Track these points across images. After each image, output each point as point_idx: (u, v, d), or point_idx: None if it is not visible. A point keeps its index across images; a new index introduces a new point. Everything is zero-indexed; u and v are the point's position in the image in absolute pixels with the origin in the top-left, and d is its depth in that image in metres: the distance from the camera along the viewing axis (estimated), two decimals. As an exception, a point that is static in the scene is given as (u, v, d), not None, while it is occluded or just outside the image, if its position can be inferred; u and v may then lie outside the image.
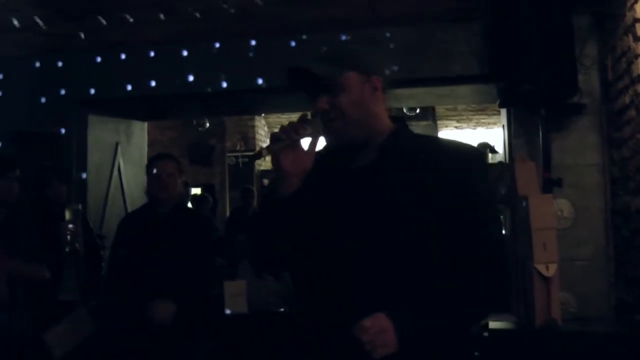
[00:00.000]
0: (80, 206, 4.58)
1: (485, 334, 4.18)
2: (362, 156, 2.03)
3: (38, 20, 5.11)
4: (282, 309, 5.28)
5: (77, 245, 4.44)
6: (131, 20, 5.07)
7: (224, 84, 5.59)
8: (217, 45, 5.62)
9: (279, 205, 1.99)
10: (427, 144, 2.07)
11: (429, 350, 1.87)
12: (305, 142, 2.01)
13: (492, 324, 4.27)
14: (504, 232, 2.09)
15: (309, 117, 2.00)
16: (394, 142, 2.02)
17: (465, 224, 1.92)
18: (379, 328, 1.77)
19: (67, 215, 4.39)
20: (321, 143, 2.05)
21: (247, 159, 11.31)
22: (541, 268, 4.15)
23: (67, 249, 4.40)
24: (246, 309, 5.07)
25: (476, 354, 3.78)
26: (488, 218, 1.99)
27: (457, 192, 1.91)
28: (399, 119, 2.12)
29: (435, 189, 1.91)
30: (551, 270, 4.16)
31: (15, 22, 5.12)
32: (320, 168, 2.03)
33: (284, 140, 1.94)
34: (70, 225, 4.39)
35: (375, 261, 1.91)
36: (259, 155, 1.99)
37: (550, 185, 4.67)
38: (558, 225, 4.61)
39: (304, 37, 5.37)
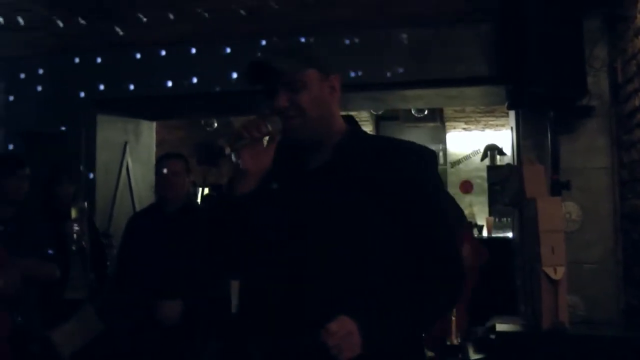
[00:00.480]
0: (86, 205, 4.58)
1: (493, 336, 4.18)
2: (317, 157, 2.01)
3: (47, 19, 5.12)
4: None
5: (83, 243, 4.44)
6: (141, 20, 5.07)
7: (233, 84, 5.59)
8: (227, 45, 5.62)
9: (235, 206, 1.96)
10: (380, 145, 2.09)
11: (390, 351, 1.88)
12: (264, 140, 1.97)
13: (500, 327, 4.27)
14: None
15: (268, 114, 1.96)
16: (348, 143, 2.02)
17: (417, 224, 1.94)
18: (345, 331, 1.76)
19: (74, 214, 4.40)
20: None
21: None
22: (549, 271, 4.13)
23: (73, 248, 4.40)
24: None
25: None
26: (439, 217, 2.00)
27: (408, 191, 1.92)
28: (351, 119, 2.12)
29: (387, 190, 1.92)
30: (559, 273, 4.14)
31: (24, 22, 5.13)
32: (275, 168, 1.99)
33: (246, 138, 1.89)
34: (76, 224, 4.39)
35: (330, 263, 1.90)
36: (222, 153, 1.90)
37: (558, 187, 4.65)
38: (566, 228, 4.60)
39: (314, 38, 5.36)
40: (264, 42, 5.53)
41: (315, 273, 1.91)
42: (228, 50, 5.61)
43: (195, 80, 5.66)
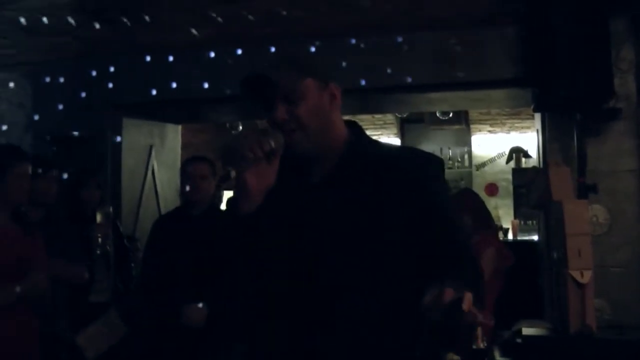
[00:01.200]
0: (111, 209, 4.61)
1: (519, 340, 4.15)
2: (320, 168, 1.96)
3: (73, 24, 5.17)
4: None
5: (107, 247, 4.48)
6: (165, 22, 5.11)
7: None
8: (251, 49, 5.63)
9: (242, 225, 1.91)
10: (385, 154, 2.01)
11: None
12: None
13: (526, 330, 4.25)
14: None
15: (268, 129, 1.91)
16: (351, 153, 1.96)
17: (429, 232, 1.87)
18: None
19: (99, 218, 4.43)
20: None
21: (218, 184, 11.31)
22: (576, 274, 4.11)
23: (97, 252, 4.44)
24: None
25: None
26: (448, 221, 1.93)
27: (415, 200, 1.86)
28: (354, 124, 2.06)
29: (393, 199, 1.86)
30: (586, 277, 4.12)
31: (51, 26, 5.18)
32: (280, 182, 1.92)
33: (250, 158, 1.83)
34: (102, 229, 4.42)
35: (340, 277, 1.85)
36: (227, 176, 1.90)
37: (585, 190, 4.63)
38: (593, 231, 4.57)
39: (340, 41, 5.37)
40: (292, 44, 5.53)
41: (325, 287, 1.86)
42: (251, 52, 5.62)
43: (220, 83, 5.67)
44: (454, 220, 1.98)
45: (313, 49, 5.43)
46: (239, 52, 5.67)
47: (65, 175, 4.84)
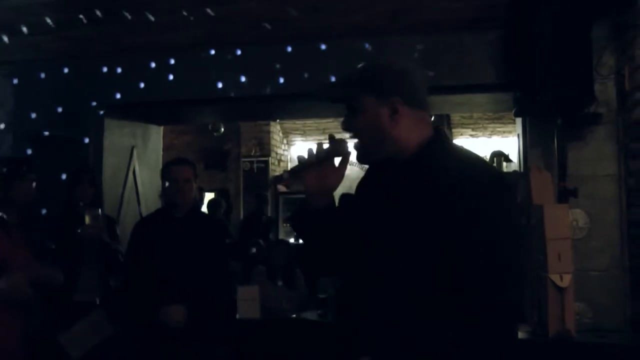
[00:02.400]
0: (100, 211, 4.57)
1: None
2: (386, 176, 2.07)
3: (56, 25, 5.14)
4: (294, 315, 5.28)
5: (95, 248, 4.45)
6: (149, 24, 5.10)
7: (241, 89, 5.60)
8: (236, 50, 5.63)
9: (312, 219, 2.13)
10: (446, 166, 1.95)
11: None
12: (336, 160, 2.13)
13: (506, 334, 4.25)
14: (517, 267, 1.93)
15: (337, 137, 2.11)
16: (412, 164, 1.99)
17: (459, 264, 1.81)
18: None
19: (87, 219, 4.40)
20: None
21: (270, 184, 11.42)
22: (555, 278, 4.13)
23: (85, 251, 4.41)
24: (259, 314, 5.07)
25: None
26: (476, 264, 1.82)
27: (460, 217, 1.82)
28: (435, 134, 2.06)
29: (429, 218, 1.85)
30: (566, 281, 4.14)
31: (34, 27, 5.16)
32: (364, 182, 2.19)
33: (311, 159, 2.08)
34: (90, 229, 4.39)
35: (381, 281, 1.97)
36: (280, 178, 2.13)
37: (565, 195, 4.65)
38: (573, 236, 4.60)
39: (325, 44, 5.38)
40: (273, 48, 5.54)
41: (372, 289, 2.00)
42: (237, 54, 5.62)
43: (203, 85, 5.67)
44: (482, 264, 1.82)
45: (289, 49, 5.44)
46: (223, 54, 5.66)
47: (45, 176, 4.78)
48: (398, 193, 1.98)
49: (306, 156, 2.08)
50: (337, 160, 2.11)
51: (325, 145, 2.09)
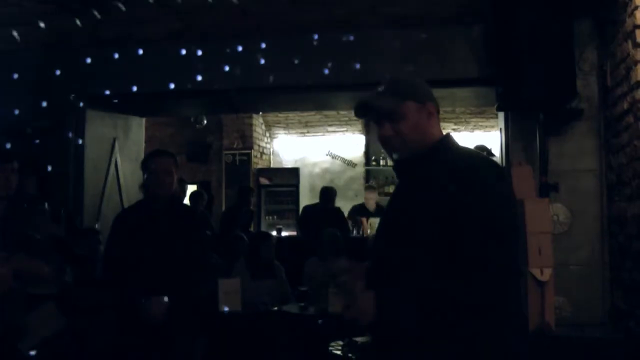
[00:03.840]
0: (46, 205, 4.49)
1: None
2: (404, 172, 2.38)
3: (37, 15, 5.09)
4: (275, 308, 5.28)
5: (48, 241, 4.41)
6: (129, 15, 5.06)
7: (223, 82, 5.58)
8: (218, 43, 5.61)
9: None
10: (446, 158, 2.24)
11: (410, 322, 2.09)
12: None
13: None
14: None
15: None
16: (424, 159, 2.28)
17: (455, 236, 2.06)
18: (360, 303, 2.13)
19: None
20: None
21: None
22: (536, 272, 4.15)
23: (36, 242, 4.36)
24: (240, 306, 5.07)
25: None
26: (475, 232, 2.05)
27: (453, 205, 2.07)
28: (444, 137, 2.34)
29: (431, 206, 2.12)
30: (546, 275, 4.16)
31: (14, 16, 5.11)
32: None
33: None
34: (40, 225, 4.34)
35: (386, 262, 2.23)
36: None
37: (546, 189, 4.68)
38: (554, 230, 4.62)
39: (307, 37, 5.37)
40: (257, 41, 5.51)
41: (381, 265, 2.25)
42: (219, 47, 5.59)
43: (185, 77, 5.64)
44: (480, 231, 2.05)
45: (271, 42, 5.43)
46: (206, 46, 5.63)
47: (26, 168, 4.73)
48: (420, 178, 2.23)
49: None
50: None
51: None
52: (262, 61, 5.47)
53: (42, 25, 5.31)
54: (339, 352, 4.03)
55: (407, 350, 2.12)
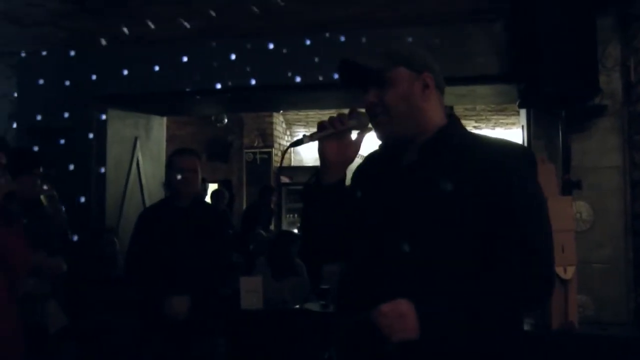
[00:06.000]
0: (55, 193, 4.46)
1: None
2: (408, 154, 2.03)
3: (59, 15, 5.13)
4: (297, 306, 5.29)
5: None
6: (152, 15, 5.08)
7: (244, 80, 5.58)
8: (238, 41, 5.61)
9: (323, 194, 2.06)
10: (472, 144, 2.01)
11: (457, 341, 1.83)
12: (353, 134, 2.06)
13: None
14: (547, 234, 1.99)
15: (359, 110, 2.04)
16: (438, 140, 2.00)
17: (504, 224, 1.85)
18: (398, 313, 1.76)
19: (44, 202, 4.33)
20: (369, 137, 2.09)
21: (289, 145, 11.31)
22: (559, 270, 4.12)
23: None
24: (261, 305, 5.08)
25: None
26: (529, 220, 1.89)
27: (496, 193, 1.86)
28: (451, 115, 2.11)
29: (473, 190, 1.87)
30: (569, 273, 4.13)
31: (36, 17, 5.14)
32: (373, 164, 2.14)
33: (329, 129, 2.00)
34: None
35: (412, 258, 1.89)
36: (300, 141, 2.03)
37: (569, 187, 4.64)
38: (577, 228, 4.59)
39: (325, 35, 5.36)
40: (273, 40, 5.52)
41: (397, 267, 1.90)
42: (238, 45, 5.60)
43: (206, 76, 5.65)
44: (531, 217, 1.90)
45: (291, 40, 5.41)
46: (226, 45, 5.64)
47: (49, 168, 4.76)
48: (434, 169, 1.95)
49: (327, 123, 2.01)
50: (354, 134, 2.06)
51: (345, 116, 2.03)
52: (281, 59, 5.47)
53: (64, 26, 5.35)
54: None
55: None
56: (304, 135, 2.02)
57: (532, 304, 2.11)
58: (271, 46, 5.50)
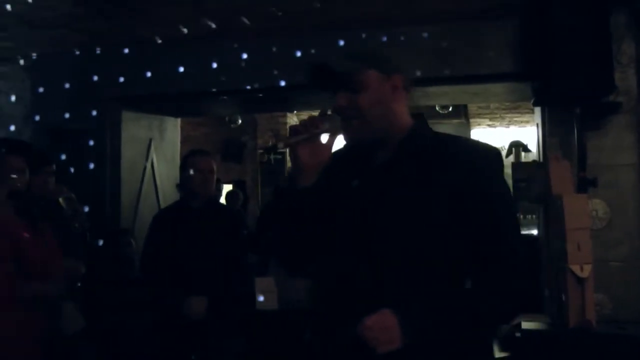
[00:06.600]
0: (73, 195, 4.46)
1: (518, 334, 4.15)
2: (381, 154, 2.04)
3: (72, 17, 5.15)
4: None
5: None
6: (165, 17, 5.09)
7: (258, 81, 5.59)
8: (251, 42, 5.61)
9: (297, 198, 2.03)
10: (444, 143, 2.05)
11: (440, 349, 1.86)
12: (324, 137, 2.04)
13: (525, 325, 4.24)
14: (525, 231, 2.04)
15: (329, 112, 2.03)
16: (410, 141, 2.03)
17: (481, 224, 1.91)
18: (382, 325, 1.77)
19: (63, 204, 4.34)
20: (340, 139, 2.07)
21: (263, 151, 11.27)
22: (575, 269, 4.10)
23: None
24: (276, 305, 5.07)
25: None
26: (504, 217, 1.95)
27: (471, 190, 1.90)
28: (420, 116, 2.13)
29: (449, 188, 1.90)
30: (586, 271, 4.11)
31: (50, 19, 5.17)
32: (342, 165, 2.09)
33: (302, 133, 1.97)
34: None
35: (388, 258, 1.91)
36: (274, 147, 2.07)
37: (585, 184, 4.62)
38: (593, 226, 4.56)
39: (340, 34, 5.34)
40: (290, 39, 5.51)
41: (372, 268, 1.92)
42: (252, 46, 5.59)
43: (220, 77, 5.65)
44: (505, 217, 1.95)
45: (305, 40, 5.40)
46: (240, 46, 5.64)
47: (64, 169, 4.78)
48: (409, 168, 1.97)
49: (300, 127, 1.98)
50: (324, 137, 2.04)
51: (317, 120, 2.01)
52: (297, 59, 5.46)
53: (77, 28, 5.37)
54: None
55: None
56: (278, 141, 2.03)
57: (515, 309, 2.09)
58: (286, 46, 5.48)
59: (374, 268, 1.91)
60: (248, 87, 5.65)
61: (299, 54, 5.45)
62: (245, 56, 5.58)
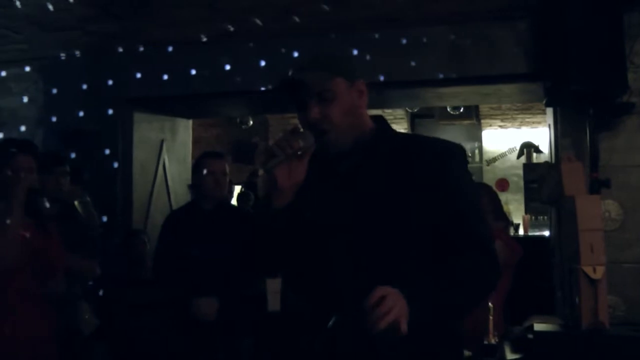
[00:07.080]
0: (89, 198, 4.49)
1: (530, 336, 4.13)
2: (348, 159, 2.04)
3: (84, 19, 5.17)
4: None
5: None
6: (176, 18, 5.11)
7: (269, 82, 5.59)
8: (261, 43, 5.61)
9: (274, 220, 2.00)
10: (409, 143, 2.11)
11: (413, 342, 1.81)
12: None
13: (537, 326, 4.22)
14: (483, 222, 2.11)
15: (301, 130, 2.00)
16: (377, 143, 2.05)
17: (448, 216, 1.95)
18: (392, 291, 1.74)
19: (78, 207, 4.37)
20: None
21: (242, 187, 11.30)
22: (588, 270, 4.08)
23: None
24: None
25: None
26: (471, 210, 2.02)
27: (435, 183, 1.95)
28: (380, 119, 2.16)
29: (417, 185, 1.95)
30: (599, 273, 4.09)
31: (62, 21, 5.19)
32: (310, 173, 2.03)
33: (279, 155, 1.92)
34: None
35: (363, 261, 1.94)
36: (256, 175, 2.05)
37: (597, 185, 4.60)
38: (606, 227, 4.54)
39: (352, 35, 5.34)
40: (298, 40, 5.50)
41: (348, 272, 1.94)
42: (262, 47, 5.59)
43: (231, 78, 5.65)
44: (473, 208, 2.03)
45: (316, 41, 5.40)
46: (251, 47, 5.64)
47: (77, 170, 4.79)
48: (377, 169, 2.00)
49: (277, 150, 1.93)
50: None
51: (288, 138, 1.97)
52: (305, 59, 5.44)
53: (90, 30, 5.40)
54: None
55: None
56: (257, 171, 2.06)
57: (484, 294, 2.19)
58: (296, 47, 5.48)
59: (353, 263, 1.94)
60: (262, 89, 5.64)
61: (310, 55, 5.44)
62: (258, 57, 5.59)
